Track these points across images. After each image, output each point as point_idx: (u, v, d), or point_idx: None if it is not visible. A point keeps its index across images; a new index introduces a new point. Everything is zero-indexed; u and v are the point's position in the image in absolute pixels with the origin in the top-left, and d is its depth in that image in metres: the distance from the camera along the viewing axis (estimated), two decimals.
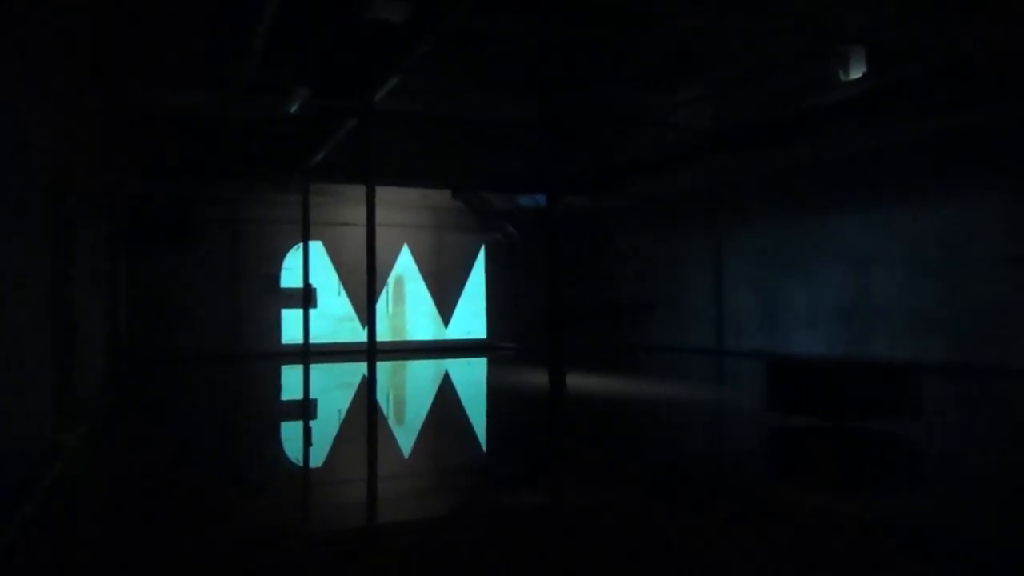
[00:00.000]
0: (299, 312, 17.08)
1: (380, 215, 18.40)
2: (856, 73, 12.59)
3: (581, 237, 19.70)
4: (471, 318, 19.15)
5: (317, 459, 6.28)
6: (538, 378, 12.40)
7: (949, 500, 4.72)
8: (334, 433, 7.66)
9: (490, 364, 15.63)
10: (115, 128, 10.03)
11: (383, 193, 17.59)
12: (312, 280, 17.42)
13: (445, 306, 18.89)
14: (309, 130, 12.07)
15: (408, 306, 18.63)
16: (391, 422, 8.13)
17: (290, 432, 7.71)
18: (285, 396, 11.26)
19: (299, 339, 16.91)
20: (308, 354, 14.61)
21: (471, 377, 13.63)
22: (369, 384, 10.11)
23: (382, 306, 18.32)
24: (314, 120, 11.37)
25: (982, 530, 4.07)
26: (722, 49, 15.18)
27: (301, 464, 6.05)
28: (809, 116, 11.97)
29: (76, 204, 7.14)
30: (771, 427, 7.28)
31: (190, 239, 16.31)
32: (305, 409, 9.29)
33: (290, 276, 17.37)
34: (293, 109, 9.59)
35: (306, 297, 14.61)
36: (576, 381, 11.35)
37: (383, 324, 18.35)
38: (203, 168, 14.45)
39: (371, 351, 9.97)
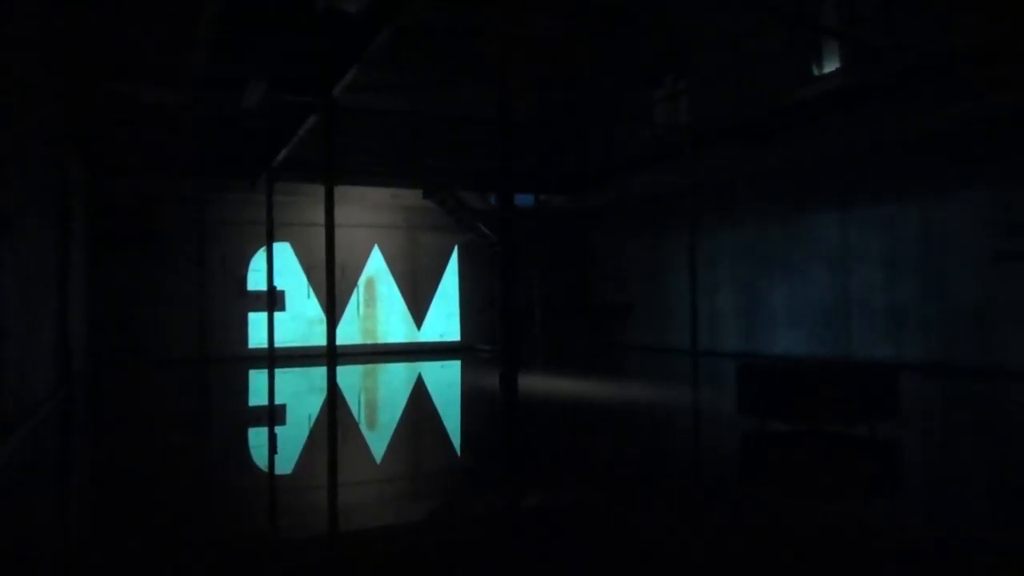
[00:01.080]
0: (259, 315, 16.68)
1: (350, 215, 18.10)
2: (830, 67, 12.42)
3: (561, 236, 19.44)
4: (445, 320, 18.81)
5: (260, 464, 5.93)
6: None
7: (914, 506, 4.46)
8: (286, 439, 7.30)
9: (457, 367, 15.29)
10: (71, 122, 9.61)
11: (353, 193, 17.27)
12: (281, 282, 17.02)
13: (418, 308, 18.53)
14: (272, 127, 11.70)
15: (380, 308, 18.25)
16: (347, 428, 7.77)
17: (240, 439, 7.34)
18: (233, 401, 10.86)
19: (262, 342, 16.51)
20: (273, 358, 14.20)
21: (434, 380, 13.28)
22: (329, 389, 9.74)
23: (353, 308, 17.94)
24: (277, 117, 11.00)
25: (951, 540, 3.80)
26: (703, 44, 14.98)
27: (240, 470, 5.70)
28: (788, 111, 11.77)
29: (10, 200, 6.74)
30: (734, 430, 7.01)
31: (154, 239, 15.86)
32: (259, 415, 8.91)
33: (258, 278, 16.91)
34: (252, 105, 9.22)
35: (271, 300, 14.19)
36: (540, 383, 11.08)
37: (354, 327, 17.98)
38: (166, 165, 14.00)
39: (331, 354, 9.59)
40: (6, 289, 6.49)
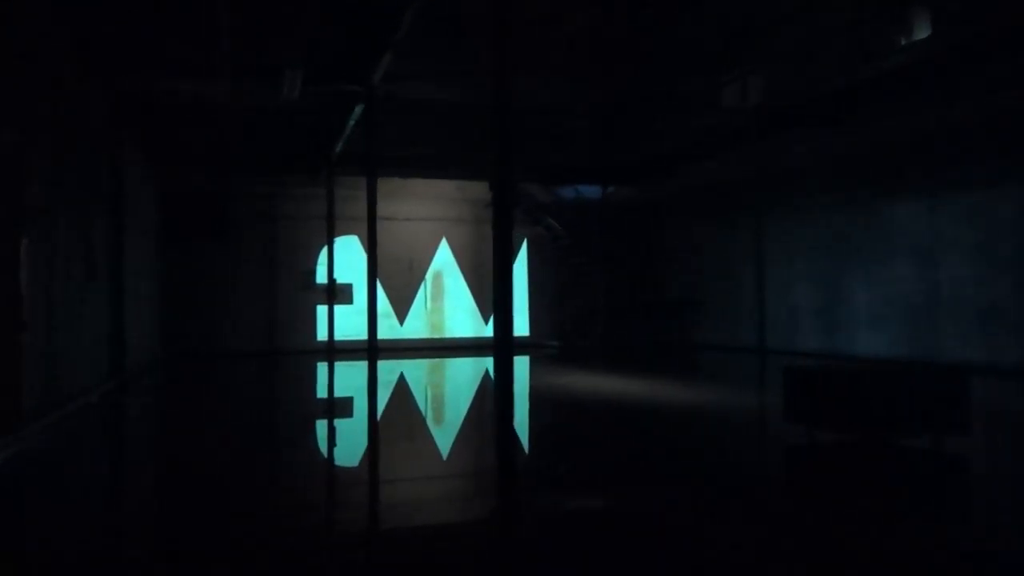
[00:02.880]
0: (336, 308, 16.83)
1: (417, 208, 18.02)
2: (921, 34, 11.20)
3: (629, 230, 18.73)
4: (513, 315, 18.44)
5: (294, 457, 5.74)
6: (564, 379, 11.65)
7: (967, 532, 3.73)
8: (325, 435, 7.13)
9: (523, 363, 14.89)
10: (118, 117, 9.81)
11: (418, 186, 17.17)
12: (349, 276, 17.14)
13: (485, 302, 18.25)
14: (323, 120, 11.65)
15: (447, 302, 18.10)
16: (399, 424, 7.53)
17: (282, 430, 7.23)
18: (292, 394, 10.87)
19: (336, 335, 16.66)
20: (332, 351, 14.26)
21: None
22: (370, 382, 9.57)
23: (420, 302, 17.86)
24: (325, 109, 10.93)
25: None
26: (775, 20, 13.94)
27: (275, 463, 5.51)
28: (871, 86, 10.70)
29: (40, 195, 6.84)
30: (773, 440, 6.32)
31: (226, 233, 16.23)
32: (311, 408, 8.84)
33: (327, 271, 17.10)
34: (293, 96, 9.12)
35: (331, 293, 14.26)
36: (585, 381, 10.54)
37: (421, 321, 17.90)
38: (230, 160, 14.26)
39: (372, 347, 9.43)
40: (37, 281, 6.58)
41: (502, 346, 5.55)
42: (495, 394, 5.59)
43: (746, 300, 15.36)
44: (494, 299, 5.69)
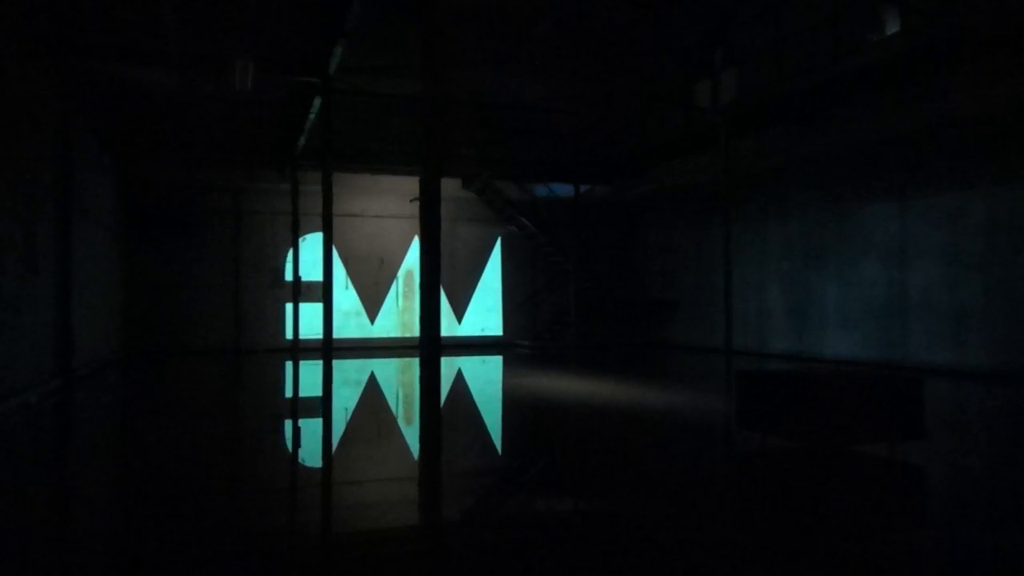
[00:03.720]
0: (304, 306, 16.53)
1: (389, 206, 17.72)
2: (891, 29, 11.06)
3: (604, 229, 18.54)
4: (485, 314, 18.21)
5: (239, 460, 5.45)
6: (521, 380, 11.39)
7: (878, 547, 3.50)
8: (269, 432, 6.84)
9: (495, 363, 14.65)
10: (66, 103, 9.47)
11: (388, 183, 16.87)
12: (317, 274, 16.82)
13: (458, 301, 18.01)
14: (283, 113, 11.36)
15: (419, 301, 17.82)
16: (343, 425, 7.25)
17: (213, 433, 6.93)
18: (233, 394, 10.55)
19: (303, 334, 16.36)
20: (297, 350, 13.97)
21: (471, 377, 12.67)
22: (325, 379, 9.29)
23: (392, 301, 17.58)
24: (285, 101, 10.63)
25: None
26: (746, 19, 13.77)
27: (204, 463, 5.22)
28: (841, 84, 10.53)
29: None
30: (721, 447, 6.09)
31: (190, 228, 15.90)
32: (260, 407, 8.53)
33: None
34: (246, 86, 8.82)
35: (296, 290, 13.96)
36: (545, 381, 10.29)
37: (393, 320, 17.62)
38: (193, 153, 13.93)
39: (327, 347, 9.14)
40: None
41: (430, 346, 5.30)
42: (422, 397, 5.32)
43: (720, 301, 15.20)
44: (421, 301, 5.44)
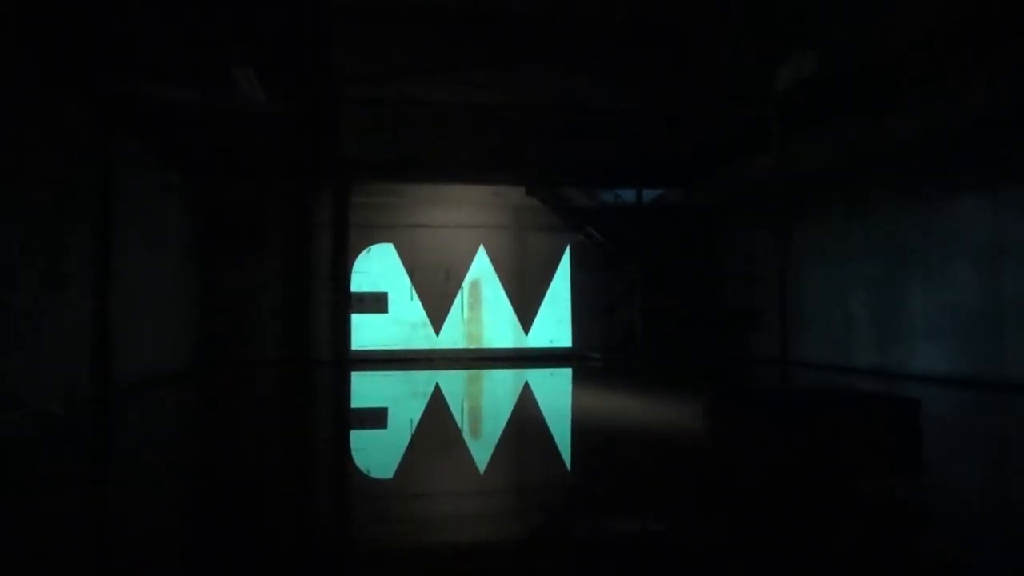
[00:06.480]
0: (370, 317, 16.55)
1: (453, 215, 17.48)
2: None
3: (677, 235, 17.54)
4: (554, 325, 17.62)
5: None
6: (569, 394, 10.76)
7: None
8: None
9: (564, 376, 14.03)
10: (110, 126, 9.73)
11: (451, 192, 16.64)
12: (384, 285, 16.82)
13: (525, 312, 17.52)
14: (316, 124, 11.28)
15: (485, 312, 17.46)
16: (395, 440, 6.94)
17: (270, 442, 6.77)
18: (270, 406, 10.45)
19: (369, 345, 16.38)
20: (345, 361, 13.88)
21: (537, 389, 12.14)
22: (338, 391, 9.01)
23: (456, 312, 17.31)
24: (311, 113, 10.54)
25: None
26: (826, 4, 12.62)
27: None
28: (926, 53, 9.29)
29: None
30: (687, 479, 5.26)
31: (260, 241, 16.21)
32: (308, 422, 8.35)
33: (362, 279, 16.84)
34: (259, 97, 8.75)
35: (346, 301, 13.93)
36: (588, 399, 9.60)
37: (458, 331, 17.34)
38: (254, 169, 14.17)
39: (341, 358, 8.87)
40: None
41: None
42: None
43: (805, 310, 13.97)
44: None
